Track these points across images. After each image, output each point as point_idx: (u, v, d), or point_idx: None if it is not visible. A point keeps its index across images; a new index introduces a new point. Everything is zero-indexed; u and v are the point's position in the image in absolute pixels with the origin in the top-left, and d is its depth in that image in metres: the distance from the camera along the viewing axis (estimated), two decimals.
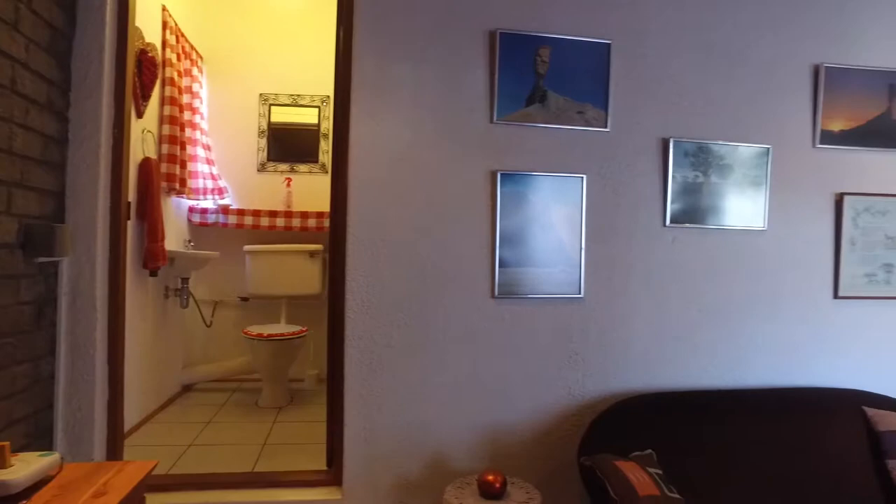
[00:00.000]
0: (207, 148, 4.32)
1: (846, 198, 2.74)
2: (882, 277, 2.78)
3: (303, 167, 4.71)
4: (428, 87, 2.40)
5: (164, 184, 3.63)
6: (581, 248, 2.48)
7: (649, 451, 2.22)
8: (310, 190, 4.64)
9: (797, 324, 2.73)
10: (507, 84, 2.43)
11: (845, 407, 2.53)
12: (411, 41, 2.39)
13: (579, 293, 2.48)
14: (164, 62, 3.59)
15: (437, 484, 2.38)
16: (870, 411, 2.48)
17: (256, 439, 3.24)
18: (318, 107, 4.70)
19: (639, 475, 1.99)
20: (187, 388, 4.26)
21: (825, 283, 2.75)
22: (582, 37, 2.49)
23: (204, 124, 4.31)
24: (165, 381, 3.88)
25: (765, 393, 2.59)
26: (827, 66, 2.72)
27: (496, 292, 2.42)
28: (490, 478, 2.13)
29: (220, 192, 4.37)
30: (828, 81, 2.72)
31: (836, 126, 2.74)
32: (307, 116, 4.72)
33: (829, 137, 2.73)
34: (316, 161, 4.71)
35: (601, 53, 2.51)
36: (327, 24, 3.11)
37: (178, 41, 3.75)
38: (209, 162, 4.29)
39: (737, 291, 2.66)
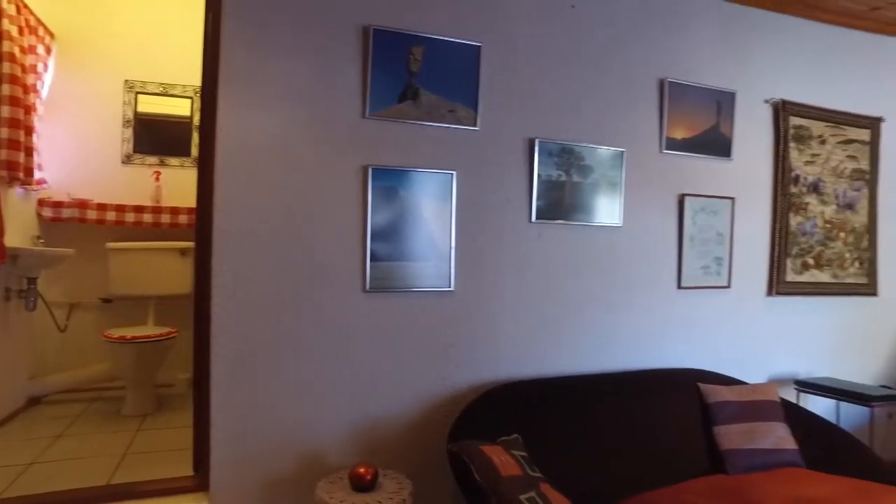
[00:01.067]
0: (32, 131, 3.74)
1: (686, 198, 3.06)
2: (714, 269, 3.14)
3: (174, 161, 4.43)
4: (300, 80, 2.36)
5: (3, 172, 3.26)
6: (452, 243, 2.57)
7: (516, 435, 2.34)
8: (181, 185, 4.38)
9: (649, 312, 3.01)
10: (380, 80, 2.46)
11: (685, 384, 2.83)
12: (283, 32, 2.34)
13: (450, 286, 2.57)
14: (2, 35, 3.22)
15: (312, 482, 2.35)
16: (703, 386, 2.80)
17: (116, 450, 3.00)
18: (191, 98, 4.45)
19: (503, 458, 2.09)
20: (35, 401, 3.86)
21: (671, 275, 3.06)
22: (454, 38, 2.58)
23: (41, 108, 3.85)
24: (5, 393, 3.49)
25: (621, 376, 2.82)
26: (670, 82, 3.03)
27: (368, 286, 2.44)
28: (361, 470, 2.14)
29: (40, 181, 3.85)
30: (671, 95, 3.02)
31: (679, 134, 3.05)
32: (179, 107, 4.45)
33: (673, 144, 3.04)
34: (188, 155, 4.46)
35: (472, 55, 2.61)
36: (201, 9, 2.96)
37: (19, 12, 3.38)
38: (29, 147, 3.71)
39: (596, 283, 2.88)
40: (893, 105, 3.83)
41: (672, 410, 2.72)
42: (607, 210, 2.87)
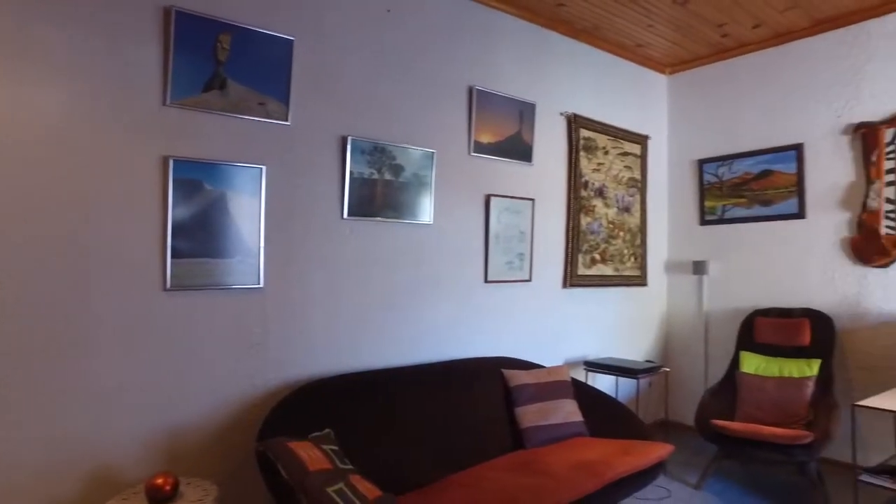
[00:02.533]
0: None
1: (492, 198, 3.33)
2: (517, 264, 3.46)
3: None
4: (89, 58, 2.13)
5: None
6: (261, 239, 2.50)
7: (328, 430, 2.36)
8: None
9: (458, 306, 3.21)
10: (183, 66, 2.31)
11: (491, 371, 3.07)
12: (70, 1, 2.09)
13: (260, 283, 2.50)
14: None
15: (103, 501, 2.14)
16: (506, 372, 3.06)
17: None
18: None
19: (312, 453, 2.09)
20: None
21: (478, 270, 3.30)
22: (265, 29, 2.51)
23: None
24: None
25: (432, 367, 2.97)
26: (478, 89, 3.26)
27: (169, 284, 2.28)
28: (159, 481, 1.99)
29: None
30: (478, 101, 3.26)
31: (485, 139, 3.31)
32: None
33: (480, 147, 3.28)
34: None
35: (284, 49, 2.57)
36: None
37: None
38: None
39: (408, 279, 3.01)
40: (656, 126, 4.54)
41: (479, 396, 2.94)
42: (418, 208, 3.01)
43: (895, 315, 3.46)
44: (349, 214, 2.76)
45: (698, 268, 4.28)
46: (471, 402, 2.89)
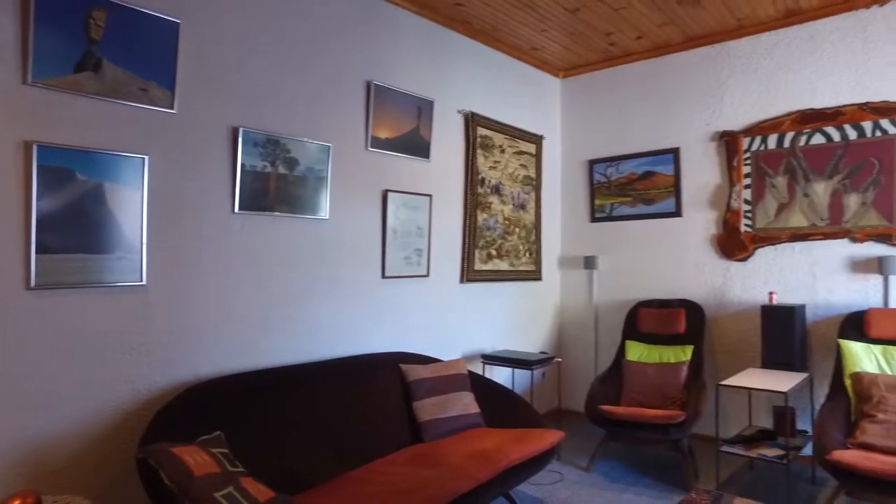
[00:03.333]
0: None
1: (389, 194, 3.33)
2: (415, 260, 3.49)
3: None
4: None
5: None
6: (143, 234, 2.34)
7: (218, 432, 2.26)
8: None
9: (355, 302, 3.18)
10: (47, 42, 2.10)
11: (389, 366, 3.08)
12: None
13: (142, 281, 2.34)
14: None
15: None
16: (404, 367, 3.09)
17: None
18: None
19: (199, 457, 2.00)
20: None
21: (376, 266, 3.29)
22: (147, 9, 2.35)
23: None
24: None
25: (329, 364, 2.93)
26: (376, 84, 3.25)
27: (34, 282, 2.08)
28: (16, 503, 1.82)
29: None
30: (376, 96, 3.25)
31: (383, 134, 3.30)
32: None
33: (377, 143, 3.27)
34: None
35: (169, 31, 2.41)
36: None
37: None
38: None
39: (304, 275, 2.94)
40: (550, 126, 4.76)
41: (377, 392, 2.94)
42: (314, 203, 2.95)
43: (751, 303, 3.86)
44: (241, 209, 2.65)
45: (589, 262, 4.54)
46: (368, 398, 2.89)
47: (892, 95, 3.41)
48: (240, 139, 2.63)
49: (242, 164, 2.64)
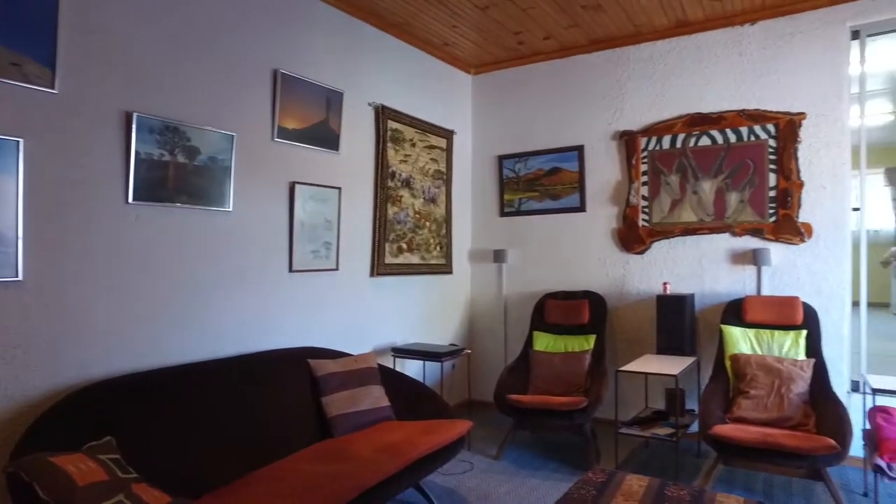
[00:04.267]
0: None
1: (297, 186, 3.24)
2: (324, 253, 3.42)
3: None
4: None
5: None
6: (18, 225, 2.14)
7: (108, 437, 2.12)
8: None
9: (261, 296, 3.08)
10: None
11: (296, 362, 3.01)
12: None
13: (17, 276, 2.14)
14: None
15: None
16: (311, 362, 3.03)
17: None
18: None
19: (85, 465, 1.86)
20: None
21: (283, 259, 3.19)
22: None
23: None
24: None
25: (233, 361, 2.81)
26: (283, 73, 3.15)
27: None
28: None
29: None
30: (283, 86, 3.15)
31: (290, 125, 3.21)
32: None
33: (284, 133, 3.17)
34: None
35: (47, 2, 2.21)
36: None
37: None
38: None
39: (207, 269, 2.80)
40: (461, 122, 4.82)
41: (284, 388, 2.86)
42: (217, 194, 2.81)
43: (648, 294, 4.12)
44: (135, 199, 2.47)
45: (498, 256, 4.65)
46: (275, 395, 2.80)
47: (763, 104, 3.75)
48: (133, 125, 2.45)
49: (137, 152, 2.47)
